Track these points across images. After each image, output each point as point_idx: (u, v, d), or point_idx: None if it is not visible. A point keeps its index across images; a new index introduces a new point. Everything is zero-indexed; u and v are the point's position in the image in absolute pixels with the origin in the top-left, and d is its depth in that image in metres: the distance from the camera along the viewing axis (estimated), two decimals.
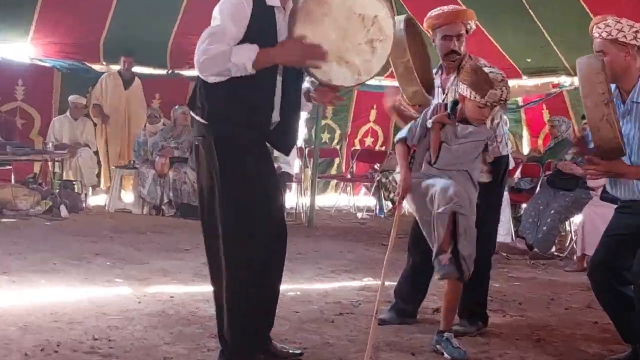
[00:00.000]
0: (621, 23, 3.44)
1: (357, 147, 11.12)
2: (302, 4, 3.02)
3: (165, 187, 8.94)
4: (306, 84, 3.37)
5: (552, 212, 6.93)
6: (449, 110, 3.75)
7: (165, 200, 8.95)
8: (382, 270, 3.69)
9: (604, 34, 3.44)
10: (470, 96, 3.61)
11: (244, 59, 2.93)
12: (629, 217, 3.49)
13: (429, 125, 3.73)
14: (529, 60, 9.61)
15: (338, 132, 11.18)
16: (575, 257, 6.46)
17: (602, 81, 3.23)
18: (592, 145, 3.48)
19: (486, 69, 3.63)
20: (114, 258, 5.85)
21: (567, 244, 7.28)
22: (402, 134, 3.88)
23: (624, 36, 3.41)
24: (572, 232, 7.23)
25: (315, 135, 9.01)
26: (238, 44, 2.98)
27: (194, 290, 4.80)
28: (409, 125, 3.88)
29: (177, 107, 9.26)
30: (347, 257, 6.50)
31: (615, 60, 3.43)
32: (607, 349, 3.81)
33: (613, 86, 3.52)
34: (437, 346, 3.72)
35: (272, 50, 3.02)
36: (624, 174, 3.41)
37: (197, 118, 3.13)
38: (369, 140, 11.32)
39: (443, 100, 4.05)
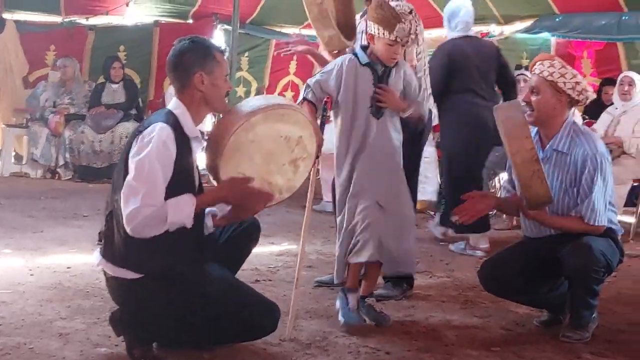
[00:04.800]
0: (566, 69, 3.53)
1: None
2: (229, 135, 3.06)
3: (60, 148, 8.71)
4: None
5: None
6: (359, 54, 3.69)
7: (61, 163, 8.73)
8: (302, 233, 3.68)
9: (545, 73, 3.52)
10: (378, 34, 3.55)
11: (182, 217, 2.94)
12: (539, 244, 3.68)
13: (405, 116, 3.70)
14: None
15: (255, 85, 11.06)
16: (504, 215, 6.62)
17: (529, 135, 3.33)
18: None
19: (393, 3, 3.58)
20: (4, 227, 5.68)
21: None
22: (302, 93, 3.80)
23: (564, 82, 3.50)
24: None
25: None
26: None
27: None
28: (308, 82, 3.81)
29: (59, 60, 9.10)
30: (266, 220, 6.40)
31: (546, 103, 3.54)
32: (536, 309, 3.92)
33: (534, 130, 3.64)
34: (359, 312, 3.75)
35: (209, 194, 3.10)
36: (545, 225, 3.61)
37: (129, 276, 3.01)
38: (289, 95, 11.23)
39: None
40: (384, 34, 3.53)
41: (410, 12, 3.57)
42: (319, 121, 4.14)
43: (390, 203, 3.67)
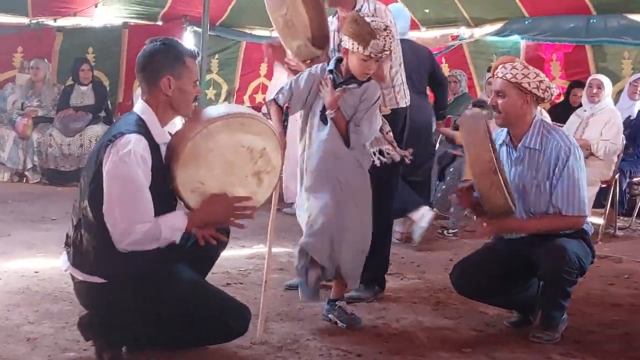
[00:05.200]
0: (528, 69, 3.58)
1: (247, 104, 11.01)
2: (186, 141, 3.02)
3: (28, 151, 8.61)
4: None
5: (452, 169, 7.09)
6: (331, 68, 3.72)
7: (29, 166, 8.64)
8: (268, 236, 3.68)
9: (508, 76, 3.56)
10: (352, 48, 3.58)
11: (174, 235, 2.96)
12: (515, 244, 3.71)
13: (331, 117, 3.68)
14: (427, 11, 9.73)
15: (225, 87, 11.02)
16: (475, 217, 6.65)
17: (488, 148, 3.35)
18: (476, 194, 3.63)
19: (368, 18, 3.59)
20: None
21: None
22: (272, 94, 3.85)
23: (528, 83, 3.55)
24: None
25: None
26: None
27: None
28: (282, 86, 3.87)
29: (32, 61, 8.98)
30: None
31: (513, 105, 3.59)
32: (506, 310, 3.95)
33: (504, 131, 3.69)
34: (330, 315, 3.76)
35: (198, 213, 3.06)
36: (518, 230, 3.64)
37: (97, 280, 2.99)
38: (259, 97, 11.19)
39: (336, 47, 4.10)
40: (357, 48, 3.55)
41: (386, 29, 3.57)
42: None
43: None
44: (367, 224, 3.74)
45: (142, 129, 2.97)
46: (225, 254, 3.49)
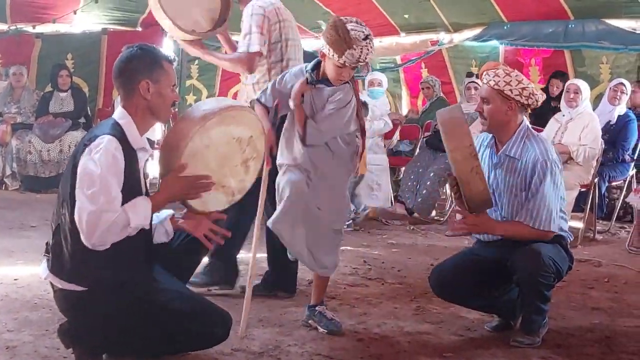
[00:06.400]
0: (510, 76, 3.59)
1: None
2: (186, 141, 3.07)
3: (7, 158, 8.55)
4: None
5: (432, 174, 7.13)
6: (309, 69, 3.73)
7: (8, 172, 8.57)
8: (253, 241, 3.67)
9: (492, 82, 3.59)
10: (329, 54, 3.59)
11: (142, 220, 2.95)
12: (490, 250, 3.74)
13: (292, 107, 3.70)
14: (406, 16, 9.77)
15: (205, 93, 11.00)
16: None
17: (468, 132, 3.38)
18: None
19: (350, 25, 3.53)
20: None
21: (447, 207, 7.53)
22: (256, 95, 3.90)
23: (510, 90, 3.57)
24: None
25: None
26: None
27: None
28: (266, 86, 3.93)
29: (14, 67, 8.94)
30: None
31: (497, 111, 3.61)
32: (487, 314, 3.96)
33: (489, 135, 3.72)
34: (310, 321, 3.76)
35: (158, 195, 3.10)
36: (491, 231, 3.64)
37: (77, 288, 2.97)
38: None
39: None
40: (333, 55, 3.56)
41: (365, 38, 3.53)
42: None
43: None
44: (340, 203, 3.77)
45: (118, 132, 2.97)
46: (206, 260, 3.47)
